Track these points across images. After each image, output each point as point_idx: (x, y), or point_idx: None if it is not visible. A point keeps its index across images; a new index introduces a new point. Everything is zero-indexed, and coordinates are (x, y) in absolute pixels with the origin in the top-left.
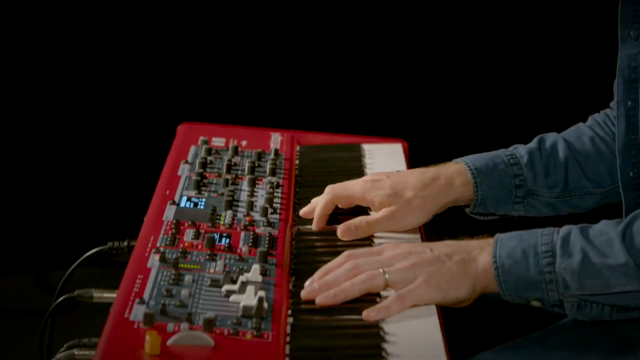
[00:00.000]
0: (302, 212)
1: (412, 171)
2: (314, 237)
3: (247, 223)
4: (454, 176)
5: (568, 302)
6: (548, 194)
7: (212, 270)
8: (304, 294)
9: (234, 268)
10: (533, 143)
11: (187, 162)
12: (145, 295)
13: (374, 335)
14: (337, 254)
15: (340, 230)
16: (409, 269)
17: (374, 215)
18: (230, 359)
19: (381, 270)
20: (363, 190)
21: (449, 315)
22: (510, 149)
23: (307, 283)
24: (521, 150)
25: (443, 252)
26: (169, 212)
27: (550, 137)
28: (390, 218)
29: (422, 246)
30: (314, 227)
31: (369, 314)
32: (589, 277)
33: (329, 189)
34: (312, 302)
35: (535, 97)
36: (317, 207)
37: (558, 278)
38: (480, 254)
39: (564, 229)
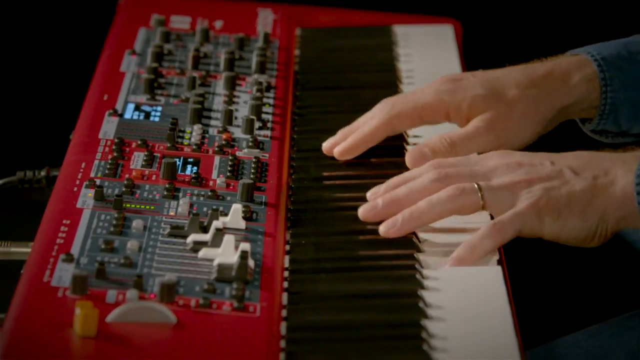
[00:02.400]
0: (329, 144)
1: (509, 67)
2: (326, 163)
3: (223, 143)
4: (571, 69)
5: None
6: None
7: (172, 213)
8: (362, 213)
9: (205, 209)
10: None
11: (133, 52)
12: (75, 250)
13: (410, 307)
14: (362, 188)
15: (411, 156)
16: (515, 186)
17: (459, 130)
18: (199, 342)
19: (475, 185)
20: (439, 95)
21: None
22: None
23: (369, 193)
24: None
25: (568, 166)
26: (108, 127)
27: None
28: (486, 130)
29: (539, 157)
30: (339, 153)
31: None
32: None
33: (384, 106)
34: (320, 259)
35: None
36: (361, 130)
37: None
38: (620, 170)
39: None
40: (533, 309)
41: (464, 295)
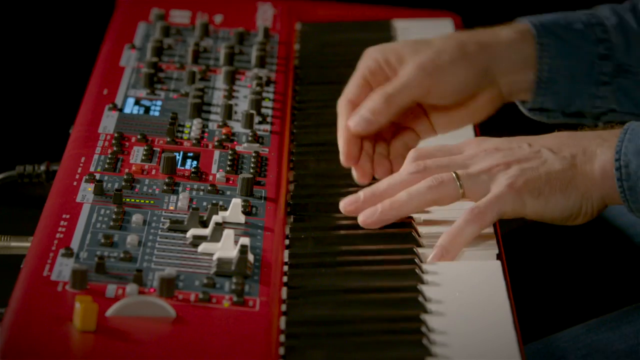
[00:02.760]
0: (344, 158)
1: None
2: (325, 158)
3: (223, 137)
4: (502, 30)
5: None
6: None
7: (172, 207)
8: (343, 206)
9: (205, 204)
10: (624, 5)
11: (133, 46)
12: (74, 244)
13: (409, 302)
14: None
15: (353, 123)
16: (492, 170)
17: (392, 81)
18: (199, 336)
19: (453, 175)
20: (371, 55)
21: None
22: (588, 10)
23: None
24: (605, 11)
25: (547, 146)
26: (108, 122)
27: None
28: (417, 73)
29: (517, 140)
30: (344, 161)
31: (430, 260)
32: None
33: (340, 99)
34: (319, 253)
35: None
36: (339, 130)
37: None
38: (599, 148)
39: None
40: (532, 303)
41: (464, 289)
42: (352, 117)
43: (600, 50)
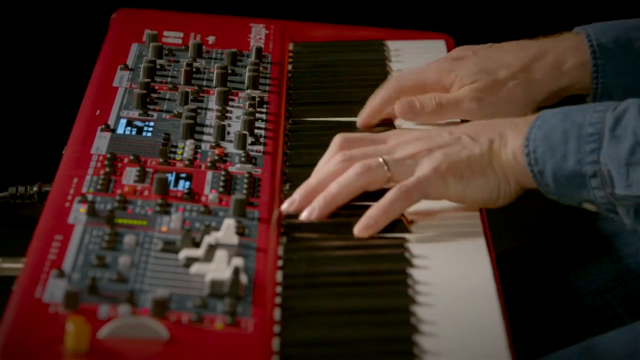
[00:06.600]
0: (361, 121)
1: (509, 45)
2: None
3: (216, 158)
4: (566, 55)
5: (621, 206)
6: None
7: (164, 228)
8: (282, 209)
9: (197, 224)
10: None
11: (126, 67)
12: (66, 265)
13: (402, 323)
14: (355, 202)
15: (400, 106)
16: (417, 155)
17: (449, 94)
18: (191, 358)
19: (381, 160)
20: (439, 72)
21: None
22: None
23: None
24: None
25: (466, 133)
26: (101, 142)
27: None
28: (472, 99)
29: (437, 129)
30: (359, 122)
31: (359, 228)
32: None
33: (393, 78)
34: (312, 274)
35: None
36: (372, 100)
37: (602, 170)
38: (512, 134)
39: (625, 103)
40: (526, 324)
41: (457, 310)
42: (402, 99)
43: None
